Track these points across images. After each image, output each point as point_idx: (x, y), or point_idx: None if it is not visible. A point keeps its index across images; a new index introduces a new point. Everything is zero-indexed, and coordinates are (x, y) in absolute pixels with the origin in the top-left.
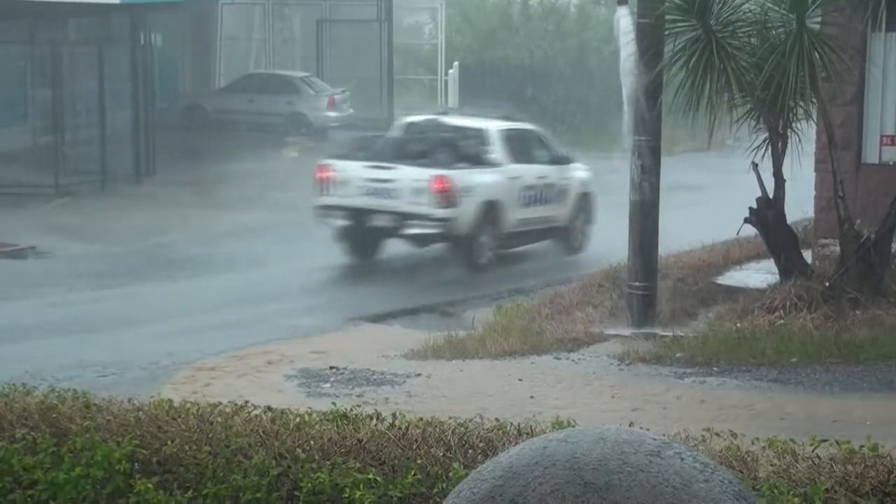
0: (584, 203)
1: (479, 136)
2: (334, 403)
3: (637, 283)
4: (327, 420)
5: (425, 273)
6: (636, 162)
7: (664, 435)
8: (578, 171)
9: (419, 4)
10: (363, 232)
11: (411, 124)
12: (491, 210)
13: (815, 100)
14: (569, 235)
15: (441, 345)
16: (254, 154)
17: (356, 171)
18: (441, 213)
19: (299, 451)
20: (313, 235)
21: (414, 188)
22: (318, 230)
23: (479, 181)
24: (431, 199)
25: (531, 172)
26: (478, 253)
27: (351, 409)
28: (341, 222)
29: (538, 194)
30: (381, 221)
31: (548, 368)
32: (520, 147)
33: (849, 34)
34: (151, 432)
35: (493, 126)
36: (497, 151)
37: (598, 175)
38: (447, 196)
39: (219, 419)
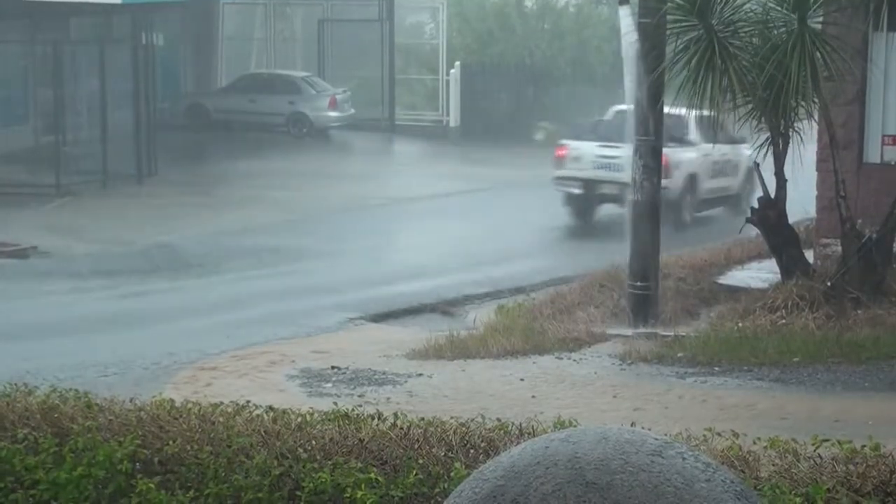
0: (751, 175)
1: (681, 120)
2: (336, 403)
3: (638, 283)
4: (329, 420)
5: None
6: (638, 162)
7: (666, 435)
8: (746, 150)
9: (420, 4)
10: (591, 198)
11: (621, 111)
12: (692, 181)
13: (816, 99)
14: (740, 202)
15: (442, 344)
16: (255, 154)
17: (588, 149)
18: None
19: (301, 450)
20: (314, 235)
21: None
22: (319, 229)
23: (684, 157)
24: None
25: (717, 150)
26: (683, 215)
27: (352, 409)
28: (575, 190)
29: (721, 168)
30: (608, 190)
31: (549, 368)
32: (708, 129)
33: (850, 34)
34: (153, 432)
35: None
36: (693, 133)
37: None
38: (664, 169)
39: (220, 419)
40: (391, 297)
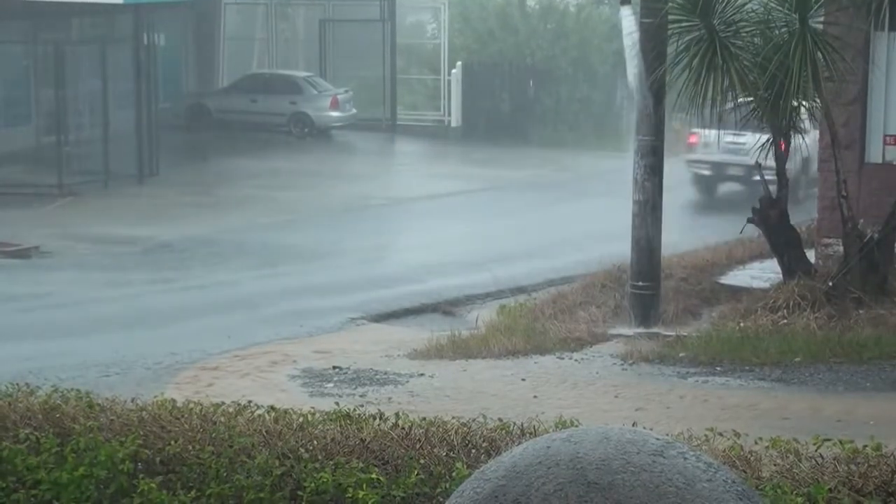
0: None
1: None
2: (337, 403)
3: (640, 283)
4: (330, 420)
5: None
6: (639, 161)
7: (667, 435)
8: None
9: (422, 4)
10: (717, 178)
11: (743, 102)
12: (805, 164)
13: (818, 100)
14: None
15: (444, 344)
16: (257, 154)
17: (716, 136)
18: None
19: (302, 450)
20: (316, 234)
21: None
22: (321, 229)
23: (799, 144)
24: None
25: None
26: (798, 193)
27: (354, 409)
28: (705, 172)
29: None
30: (733, 171)
31: (551, 368)
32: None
33: (852, 34)
34: (155, 432)
35: None
36: (805, 121)
37: (600, 174)
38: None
39: (222, 419)
40: (392, 297)
